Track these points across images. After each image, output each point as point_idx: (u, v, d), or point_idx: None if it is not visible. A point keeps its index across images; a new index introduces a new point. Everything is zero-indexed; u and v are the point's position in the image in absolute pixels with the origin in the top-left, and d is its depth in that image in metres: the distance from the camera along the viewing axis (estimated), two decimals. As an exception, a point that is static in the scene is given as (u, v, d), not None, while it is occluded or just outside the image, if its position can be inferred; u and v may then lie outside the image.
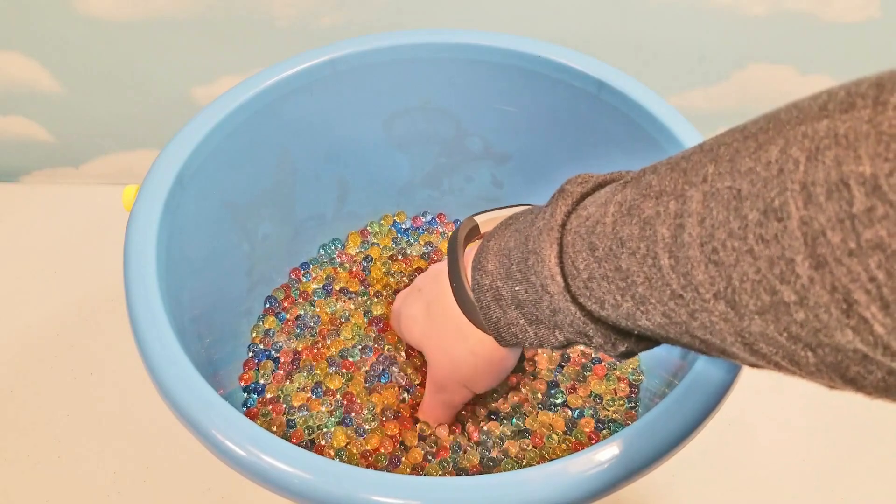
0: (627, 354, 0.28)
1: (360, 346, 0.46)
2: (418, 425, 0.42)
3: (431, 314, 0.37)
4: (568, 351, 0.46)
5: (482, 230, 0.36)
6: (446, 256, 0.36)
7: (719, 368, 0.32)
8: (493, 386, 0.38)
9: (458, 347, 0.35)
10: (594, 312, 0.27)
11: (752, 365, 0.22)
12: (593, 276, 0.25)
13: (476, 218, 0.36)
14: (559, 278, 0.27)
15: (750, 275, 0.19)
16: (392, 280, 0.50)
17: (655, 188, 0.23)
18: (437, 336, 0.36)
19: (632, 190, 0.24)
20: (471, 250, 0.34)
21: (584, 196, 0.28)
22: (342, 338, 0.46)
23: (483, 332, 0.34)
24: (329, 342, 0.46)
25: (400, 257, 0.51)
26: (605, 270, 0.25)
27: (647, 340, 0.28)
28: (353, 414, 0.43)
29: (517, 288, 0.30)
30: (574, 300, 0.27)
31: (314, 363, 0.45)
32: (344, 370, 0.45)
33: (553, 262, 0.27)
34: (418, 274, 0.49)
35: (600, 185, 0.28)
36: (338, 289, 0.49)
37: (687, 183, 0.21)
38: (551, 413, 0.43)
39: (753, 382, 0.52)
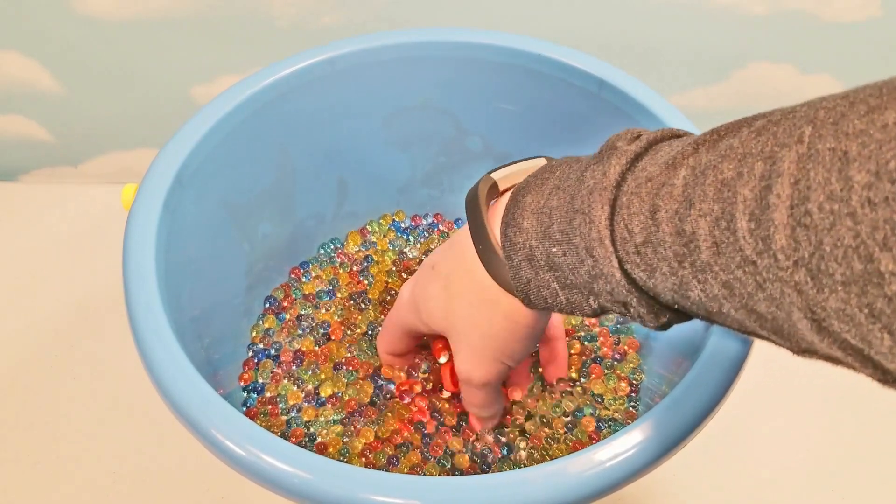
0: (665, 326, 0.27)
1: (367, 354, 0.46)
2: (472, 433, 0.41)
3: (452, 289, 0.34)
4: (570, 351, 0.46)
5: (500, 187, 0.34)
6: (467, 220, 0.33)
7: (720, 368, 0.32)
8: (528, 354, 0.36)
9: (488, 315, 0.33)
10: (639, 280, 0.25)
11: (804, 351, 0.21)
12: (649, 241, 0.24)
13: (493, 175, 0.34)
14: (608, 242, 0.26)
15: (845, 240, 0.18)
16: (391, 281, 0.50)
17: (738, 150, 0.22)
18: (463, 309, 0.34)
19: (707, 153, 0.23)
20: (493, 208, 0.33)
21: (638, 156, 0.26)
22: (355, 343, 0.46)
23: (513, 294, 0.32)
24: (336, 347, 0.46)
25: (402, 261, 0.51)
26: (664, 234, 0.23)
27: (686, 314, 0.27)
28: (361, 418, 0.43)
29: (554, 249, 0.28)
30: (620, 266, 0.26)
31: (321, 364, 0.45)
32: (350, 369, 0.45)
33: (603, 223, 0.26)
34: None
35: (651, 144, 0.27)
36: (347, 295, 0.49)
37: (778, 145, 0.20)
38: (551, 412, 0.43)
39: (754, 382, 0.52)
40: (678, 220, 0.23)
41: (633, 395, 0.44)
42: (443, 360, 0.41)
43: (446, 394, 0.43)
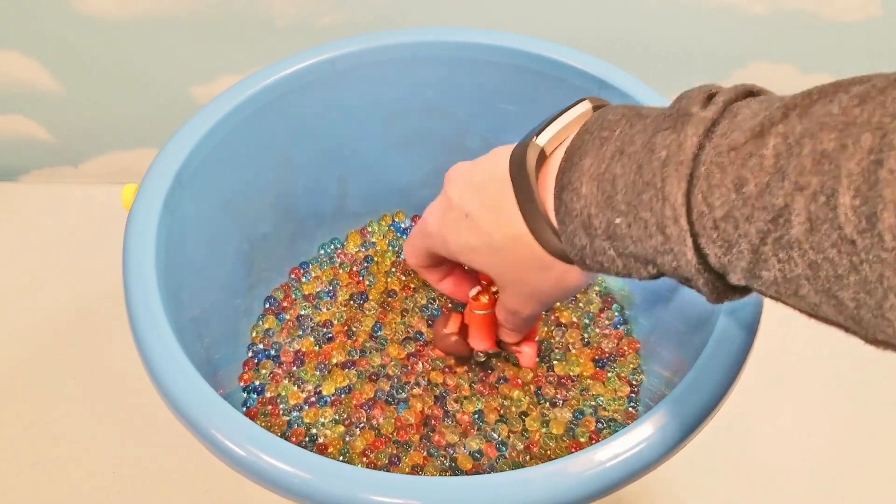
0: (725, 301, 0.26)
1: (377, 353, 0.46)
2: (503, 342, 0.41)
3: (497, 246, 0.32)
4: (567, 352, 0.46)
5: (548, 151, 0.31)
6: (514, 192, 0.31)
7: (720, 368, 0.32)
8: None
9: (538, 278, 0.33)
10: (711, 257, 0.24)
11: (881, 342, 0.21)
12: (730, 216, 0.22)
13: (538, 141, 0.31)
14: (683, 220, 0.24)
15: None
16: (391, 280, 0.50)
17: (839, 119, 0.20)
18: (511, 268, 0.33)
19: (800, 121, 0.21)
20: (542, 172, 0.31)
21: (715, 121, 0.24)
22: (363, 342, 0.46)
23: (566, 261, 0.30)
24: (341, 343, 0.46)
25: (401, 261, 0.51)
26: (750, 209, 0.22)
27: (747, 290, 0.25)
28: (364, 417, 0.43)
29: (618, 220, 0.26)
30: (694, 243, 0.24)
31: (325, 363, 0.45)
32: (359, 369, 0.45)
33: (679, 201, 0.24)
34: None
35: (727, 105, 0.25)
36: (348, 297, 0.49)
37: (889, 115, 0.19)
38: (551, 412, 0.43)
39: (753, 383, 0.52)
40: (769, 193, 0.21)
41: (633, 395, 0.44)
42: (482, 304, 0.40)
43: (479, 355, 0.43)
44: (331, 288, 0.50)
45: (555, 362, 0.45)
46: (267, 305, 0.49)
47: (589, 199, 0.27)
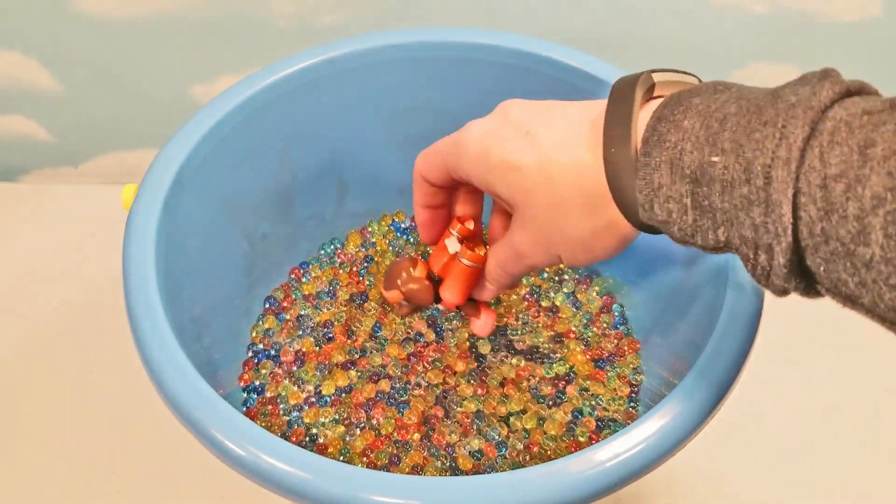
0: (784, 291, 0.24)
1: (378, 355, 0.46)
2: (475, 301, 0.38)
3: (550, 171, 0.29)
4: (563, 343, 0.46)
5: (655, 92, 0.30)
6: (606, 111, 0.29)
7: (720, 369, 0.32)
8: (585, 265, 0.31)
9: (579, 221, 0.29)
10: (803, 219, 0.22)
11: None
12: (844, 175, 0.21)
13: (654, 76, 0.29)
14: (794, 165, 0.22)
15: None
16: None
17: None
18: (552, 203, 0.30)
19: None
20: (641, 109, 0.28)
21: (849, 91, 0.24)
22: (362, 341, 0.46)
23: (622, 207, 0.28)
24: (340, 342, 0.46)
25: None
26: (869, 171, 0.21)
27: (812, 289, 0.24)
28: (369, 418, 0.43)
29: (715, 159, 0.24)
30: (794, 197, 0.22)
31: (325, 363, 0.45)
32: (359, 369, 0.45)
33: (798, 144, 0.22)
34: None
35: (862, 88, 0.25)
36: (347, 297, 0.49)
37: None
38: (550, 412, 0.43)
39: (753, 382, 0.52)
40: None
41: (633, 395, 0.44)
42: (453, 249, 0.37)
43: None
44: (331, 288, 0.50)
45: (554, 364, 0.45)
46: (267, 305, 0.49)
47: (689, 132, 0.25)
